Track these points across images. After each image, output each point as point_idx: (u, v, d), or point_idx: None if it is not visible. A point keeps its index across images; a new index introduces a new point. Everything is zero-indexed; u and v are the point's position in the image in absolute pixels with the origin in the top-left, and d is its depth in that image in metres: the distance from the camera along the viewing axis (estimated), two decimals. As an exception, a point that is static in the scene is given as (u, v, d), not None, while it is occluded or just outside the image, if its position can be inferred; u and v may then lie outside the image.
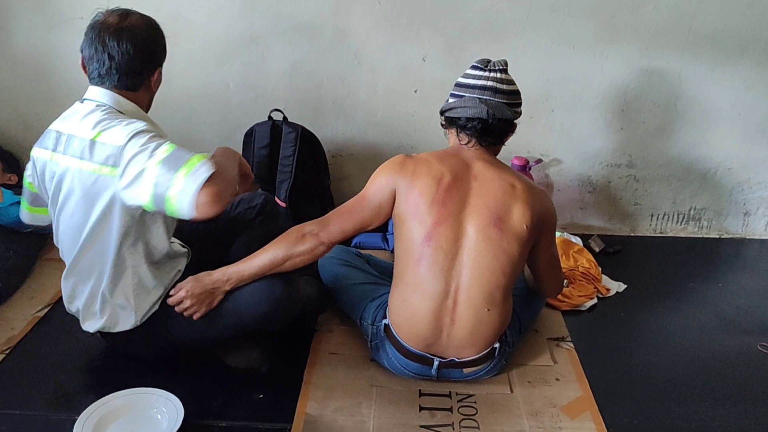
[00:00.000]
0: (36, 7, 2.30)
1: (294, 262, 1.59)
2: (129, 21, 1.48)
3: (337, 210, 1.62)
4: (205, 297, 1.56)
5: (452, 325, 1.56)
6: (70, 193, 1.48)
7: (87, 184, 1.45)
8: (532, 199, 1.55)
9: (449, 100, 1.60)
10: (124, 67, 1.47)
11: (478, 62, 1.58)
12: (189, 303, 1.56)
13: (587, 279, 2.17)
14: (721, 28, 2.28)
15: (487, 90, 1.53)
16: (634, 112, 2.42)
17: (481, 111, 1.53)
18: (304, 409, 1.57)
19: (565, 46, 2.32)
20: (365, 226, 1.60)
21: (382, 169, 1.60)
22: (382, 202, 1.57)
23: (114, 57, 1.46)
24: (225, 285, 1.57)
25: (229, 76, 2.39)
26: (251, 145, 2.31)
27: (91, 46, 1.47)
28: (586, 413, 1.60)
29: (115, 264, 1.52)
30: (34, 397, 1.60)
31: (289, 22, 2.31)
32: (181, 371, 1.69)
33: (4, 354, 1.74)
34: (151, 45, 1.52)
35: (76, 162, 1.45)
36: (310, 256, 1.59)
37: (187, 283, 1.57)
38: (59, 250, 1.63)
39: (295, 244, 1.58)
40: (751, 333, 1.97)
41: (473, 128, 1.55)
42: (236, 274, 1.57)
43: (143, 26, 1.50)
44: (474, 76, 1.56)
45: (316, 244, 1.58)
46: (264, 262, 1.57)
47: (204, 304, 1.56)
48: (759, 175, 2.53)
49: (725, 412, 1.64)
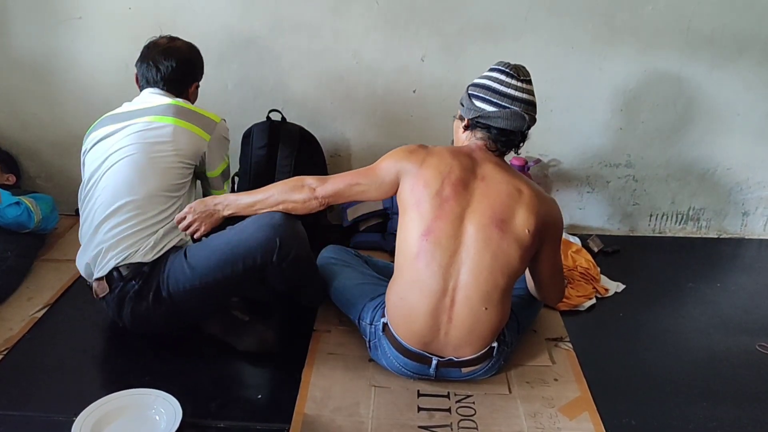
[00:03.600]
0: (34, 7, 2.29)
1: (286, 206, 1.68)
2: (175, 43, 1.90)
3: (342, 173, 1.68)
4: (206, 217, 1.70)
5: (450, 324, 1.56)
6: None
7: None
8: (538, 206, 1.55)
9: (476, 103, 1.58)
10: (168, 75, 1.85)
11: (507, 68, 1.57)
12: (191, 218, 1.69)
13: (586, 279, 2.17)
14: (719, 29, 2.28)
15: (524, 103, 1.56)
16: (632, 112, 2.42)
17: (521, 125, 1.56)
18: (303, 410, 1.56)
19: (564, 46, 2.32)
20: (362, 195, 1.66)
21: (394, 152, 1.63)
22: (384, 180, 1.61)
23: (160, 69, 1.85)
24: (224, 209, 1.71)
25: (228, 77, 2.39)
26: (249, 146, 2.31)
27: (144, 62, 1.87)
28: (584, 414, 1.60)
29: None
30: (32, 398, 1.60)
31: (287, 22, 2.31)
32: (180, 372, 1.69)
33: (2, 355, 1.74)
34: (191, 62, 1.93)
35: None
36: (302, 206, 1.67)
37: (193, 203, 1.73)
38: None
39: (292, 191, 1.67)
40: (750, 333, 1.97)
41: (505, 138, 1.58)
42: (234, 202, 1.72)
43: (185, 48, 1.92)
44: (510, 86, 1.55)
45: (309, 196, 1.65)
46: (260, 198, 1.69)
47: (204, 222, 1.70)
48: (758, 175, 2.53)
49: (724, 412, 1.64)
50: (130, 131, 1.76)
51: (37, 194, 2.29)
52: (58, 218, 2.33)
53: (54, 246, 2.31)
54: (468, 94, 1.61)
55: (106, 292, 1.71)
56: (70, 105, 2.43)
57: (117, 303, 1.71)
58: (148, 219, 1.71)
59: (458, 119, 1.68)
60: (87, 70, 2.37)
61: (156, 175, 1.74)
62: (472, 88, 1.61)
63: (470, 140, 1.62)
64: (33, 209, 2.15)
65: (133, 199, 1.71)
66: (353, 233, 2.43)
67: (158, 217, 1.72)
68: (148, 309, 1.69)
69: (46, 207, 2.24)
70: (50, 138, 2.48)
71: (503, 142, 1.60)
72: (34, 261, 2.20)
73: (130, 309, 1.70)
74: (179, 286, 1.68)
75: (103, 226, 1.71)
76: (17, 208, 2.10)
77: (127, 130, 1.77)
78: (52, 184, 2.55)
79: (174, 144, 1.76)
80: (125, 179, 1.72)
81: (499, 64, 1.59)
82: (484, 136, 1.60)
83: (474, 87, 1.60)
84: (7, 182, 2.37)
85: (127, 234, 1.69)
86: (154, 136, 1.75)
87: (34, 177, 2.57)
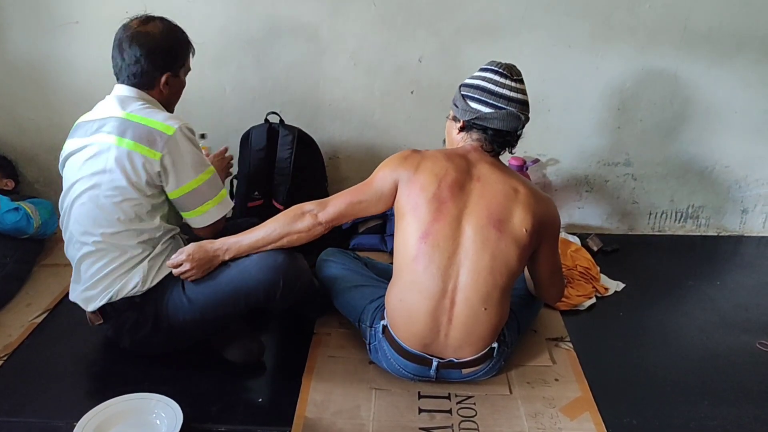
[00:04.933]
0: (31, 11, 2.29)
1: (291, 239, 1.64)
2: (146, 27, 1.63)
3: (339, 193, 1.66)
4: (204, 263, 1.63)
5: (450, 325, 1.56)
6: None
7: None
8: (535, 205, 1.55)
9: (472, 104, 1.57)
10: (132, 67, 1.63)
11: (499, 68, 1.57)
12: (189, 266, 1.62)
13: (586, 278, 2.17)
14: (716, 27, 2.28)
15: (519, 103, 1.56)
16: (630, 111, 2.42)
17: (517, 125, 1.56)
18: (303, 413, 1.56)
19: (561, 45, 2.32)
20: (364, 212, 1.64)
21: (388, 161, 1.62)
22: (383, 191, 1.59)
23: (125, 59, 1.63)
24: (224, 254, 1.65)
25: (225, 80, 2.39)
26: (248, 149, 2.31)
27: (113, 48, 1.64)
28: (585, 414, 1.60)
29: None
30: (32, 403, 1.60)
31: (284, 24, 2.31)
32: (180, 376, 1.69)
33: (2, 360, 1.74)
34: (162, 50, 1.65)
35: None
36: (307, 234, 1.64)
37: (190, 248, 1.63)
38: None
39: (294, 222, 1.63)
40: (750, 331, 1.97)
41: (502, 139, 1.58)
42: (235, 245, 1.65)
43: (157, 32, 1.64)
44: (505, 86, 1.55)
45: (313, 223, 1.62)
46: (262, 236, 1.64)
47: (202, 270, 1.63)
48: (756, 173, 2.53)
49: (725, 411, 1.64)
50: (86, 156, 1.61)
51: (36, 199, 2.29)
52: (57, 223, 2.32)
53: (53, 251, 2.31)
54: (462, 95, 1.60)
55: (101, 322, 1.67)
56: (67, 109, 2.41)
57: (114, 331, 1.70)
58: (125, 254, 1.60)
59: (452, 120, 1.66)
60: (84, 74, 2.37)
61: (118, 209, 1.58)
62: (466, 89, 1.60)
63: (465, 141, 1.62)
64: (32, 214, 2.15)
65: (102, 235, 1.59)
66: (352, 235, 2.43)
67: (136, 249, 1.61)
68: (148, 336, 1.67)
69: (45, 212, 2.24)
70: (48, 143, 2.48)
71: (499, 142, 1.60)
72: (33, 266, 2.20)
73: (129, 337, 1.68)
74: (179, 317, 1.64)
75: (83, 265, 1.64)
76: (16, 214, 2.10)
77: (84, 154, 1.61)
78: (50, 189, 2.54)
79: (121, 173, 1.56)
80: (89, 215, 1.60)
81: (491, 64, 1.59)
82: (481, 137, 1.60)
83: (468, 88, 1.59)
84: (5, 187, 2.36)
85: (108, 272, 1.61)
86: (102, 166, 1.58)
87: (32, 182, 2.57)
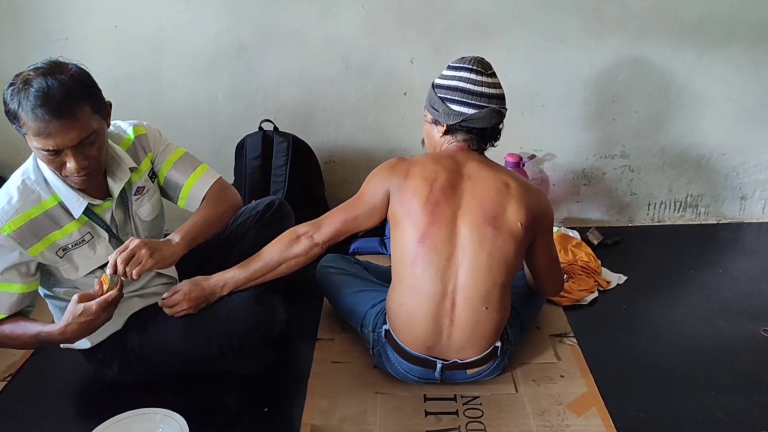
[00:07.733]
0: (20, 29, 2.28)
1: (289, 264, 1.61)
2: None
3: (332, 211, 1.64)
4: (201, 302, 1.58)
5: (452, 326, 1.55)
6: None
7: None
8: (527, 198, 1.55)
9: (453, 107, 1.54)
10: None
11: (472, 65, 1.55)
12: (186, 306, 1.56)
13: (587, 273, 2.17)
14: (707, 15, 2.28)
15: (498, 98, 1.55)
16: (625, 103, 2.42)
17: (499, 121, 1.56)
18: (310, 420, 1.56)
19: (553, 40, 2.31)
20: (359, 227, 1.62)
21: (376, 171, 1.61)
22: (375, 204, 1.58)
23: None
24: (222, 291, 1.60)
25: (218, 88, 2.39)
26: (243, 157, 2.30)
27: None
28: (592, 409, 1.59)
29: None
30: (37, 423, 1.59)
31: (275, 30, 2.30)
32: (184, 388, 1.68)
33: (6, 381, 1.73)
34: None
35: None
36: (305, 258, 1.61)
37: (185, 286, 1.58)
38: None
39: (290, 247, 1.60)
40: (754, 318, 1.97)
41: (485, 135, 1.58)
42: (232, 280, 1.60)
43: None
44: (483, 84, 1.53)
45: (310, 245, 1.60)
46: (260, 266, 1.60)
47: (197, 308, 1.57)
48: (753, 159, 2.53)
49: (732, 400, 1.63)
50: None
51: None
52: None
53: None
54: (440, 97, 1.56)
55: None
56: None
57: (97, 369, 1.68)
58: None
59: (432, 123, 1.62)
60: (76, 89, 2.36)
61: None
62: (443, 91, 1.56)
63: (450, 143, 1.61)
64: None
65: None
66: (351, 238, 2.43)
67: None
68: (132, 372, 1.64)
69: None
70: (43, 159, 2.47)
71: (485, 140, 1.60)
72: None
73: (114, 373, 1.65)
74: (154, 358, 1.61)
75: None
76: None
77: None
78: (47, 206, 2.53)
79: None
80: None
81: (462, 62, 1.57)
82: (467, 137, 1.59)
83: (445, 90, 1.56)
84: (2, 206, 2.35)
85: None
86: None
87: (29, 199, 2.56)
